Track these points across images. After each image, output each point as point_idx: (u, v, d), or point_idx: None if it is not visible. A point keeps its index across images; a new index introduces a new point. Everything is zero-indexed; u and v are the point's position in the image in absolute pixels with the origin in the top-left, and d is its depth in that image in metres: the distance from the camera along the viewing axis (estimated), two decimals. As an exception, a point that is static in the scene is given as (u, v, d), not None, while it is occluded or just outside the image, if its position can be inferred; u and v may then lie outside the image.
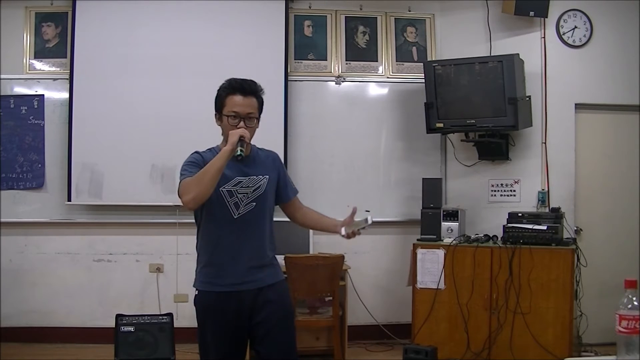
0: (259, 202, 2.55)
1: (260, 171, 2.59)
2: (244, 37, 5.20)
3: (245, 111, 2.49)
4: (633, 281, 1.69)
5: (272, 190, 2.62)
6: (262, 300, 2.53)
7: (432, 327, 4.64)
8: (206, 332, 2.55)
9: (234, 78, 2.57)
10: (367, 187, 5.33)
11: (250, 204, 2.53)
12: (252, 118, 2.52)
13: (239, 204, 2.52)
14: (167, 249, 5.17)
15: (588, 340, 4.74)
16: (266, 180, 2.58)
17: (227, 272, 2.51)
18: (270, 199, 2.62)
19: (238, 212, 2.52)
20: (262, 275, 2.55)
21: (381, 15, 5.45)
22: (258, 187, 2.56)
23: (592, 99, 5.03)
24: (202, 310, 2.56)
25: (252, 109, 2.52)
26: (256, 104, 2.54)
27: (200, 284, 2.57)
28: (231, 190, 2.51)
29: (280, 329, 2.56)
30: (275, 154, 2.74)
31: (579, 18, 5.04)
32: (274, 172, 2.64)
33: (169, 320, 4.35)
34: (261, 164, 2.62)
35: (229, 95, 2.52)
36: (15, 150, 5.09)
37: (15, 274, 5.07)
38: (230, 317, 2.50)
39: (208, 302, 2.54)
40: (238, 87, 2.52)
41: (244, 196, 2.53)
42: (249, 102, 2.51)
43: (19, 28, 5.15)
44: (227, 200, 2.50)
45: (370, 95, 5.42)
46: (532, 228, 4.48)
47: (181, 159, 2.57)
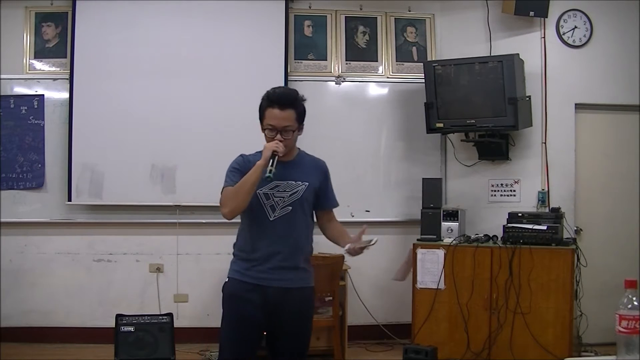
0: (295, 207, 2.60)
1: (301, 177, 2.63)
2: (244, 37, 5.20)
3: (282, 124, 2.54)
4: (633, 281, 1.69)
5: (310, 197, 2.66)
6: (287, 300, 2.58)
7: (432, 327, 4.64)
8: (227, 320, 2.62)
9: (274, 89, 2.62)
10: (367, 187, 5.33)
11: (286, 208, 2.59)
12: (289, 130, 2.55)
13: (275, 207, 2.58)
14: (167, 249, 5.17)
15: (588, 340, 4.74)
16: (305, 187, 2.63)
17: (258, 267, 2.58)
18: (307, 205, 2.66)
19: (274, 214, 2.58)
20: (292, 277, 2.61)
21: (381, 15, 5.45)
22: (295, 192, 2.61)
23: (592, 99, 5.03)
24: (227, 296, 2.64)
25: (289, 121, 2.55)
26: (294, 115, 2.57)
27: (232, 272, 2.67)
28: (268, 193, 2.57)
29: (297, 335, 2.64)
30: (322, 162, 2.78)
31: (579, 18, 5.04)
32: (315, 180, 2.68)
33: (169, 320, 4.36)
34: (303, 169, 2.67)
35: (267, 107, 2.57)
36: (15, 150, 5.09)
37: (15, 274, 5.07)
38: (252, 308, 2.56)
39: (234, 289, 2.62)
40: (275, 100, 2.56)
41: (280, 200, 2.59)
42: (285, 115, 2.54)
43: (19, 28, 5.15)
44: (263, 202, 2.57)
45: (370, 95, 5.42)
46: (532, 228, 4.48)
47: (181, 159, 2.57)
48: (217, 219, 5.05)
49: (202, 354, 4.81)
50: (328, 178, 2.77)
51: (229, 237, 5.26)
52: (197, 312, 5.15)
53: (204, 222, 5.13)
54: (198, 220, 5.14)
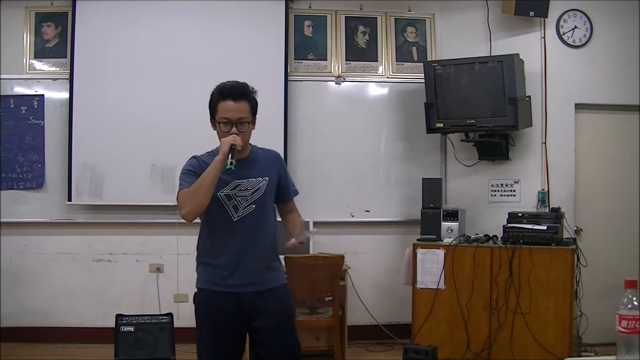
0: (258, 205, 2.53)
1: (260, 172, 2.57)
2: (244, 37, 5.20)
3: (236, 116, 2.48)
4: (633, 281, 1.69)
5: (272, 192, 2.60)
6: (262, 304, 2.52)
7: (432, 327, 4.64)
8: (203, 331, 2.54)
9: (224, 83, 2.56)
10: (367, 187, 5.33)
11: (249, 207, 2.53)
12: (244, 122, 2.49)
13: (238, 207, 2.52)
14: (167, 249, 5.17)
15: (588, 340, 4.74)
16: (265, 182, 2.57)
17: (227, 273, 2.51)
18: (270, 200, 2.60)
19: (237, 215, 2.52)
20: (262, 279, 2.54)
21: (381, 15, 5.45)
22: (257, 189, 2.55)
23: (592, 99, 5.03)
24: (200, 308, 2.56)
25: (244, 113, 2.49)
26: (248, 107, 2.51)
27: (200, 282, 2.57)
28: (229, 194, 2.51)
29: (280, 334, 2.55)
30: (276, 153, 2.71)
31: (579, 18, 5.04)
32: (274, 173, 2.62)
33: (169, 320, 4.35)
34: (260, 164, 2.60)
35: (219, 101, 2.50)
36: (15, 150, 5.09)
37: (15, 274, 5.07)
38: (227, 318, 2.50)
39: (206, 300, 2.54)
40: (228, 93, 2.49)
41: (243, 199, 2.52)
42: (239, 106, 2.48)
43: (19, 28, 5.15)
44: (225, 203, 2.51)
45: (370, 95, 5.42)
46: (532, 228, 4.48)
47: (181, 159, 2.57)
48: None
49: (202, 354, 4.81)
50: (286, 169, 2.72)
51: (229, 237, 5.26)
52: (197, 312, 5.15)
53: (204, 222, 5.12)
54: (198, 220, 5.12)
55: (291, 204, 2.73)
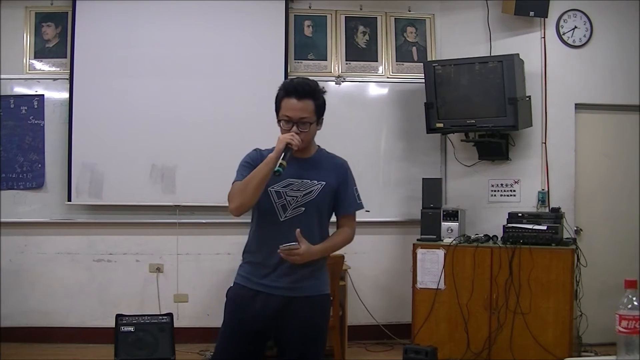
0: (308, 208, 2.43)
1: (317, 176, 2.46)
2: (244, 37, 5.20)
3: (298, 115, 2.38)
4: (633, 281, 1.69)
5: (326, 198, 2.47)
6: (293, 310, 2.42)
7: (432, 327, 4.64)
8: (225, 325, 2.49)
9: (290, 79, 2.48)
10: (367, 187, 5.28)
11: (298, 208, 2.43)
12: (306, 122, 2.39)
13: (287, 207, 2.42)
14: (167, 249, 5.17)
15: (588, 340, 4.74)
16: (320, 187, 2.45)
17: (264, 272, 2.43)
18: (322, 206, 2.47)
19: (285, 215, 2.42)
20: (299, 285, 2.42)
21: (381, 15, 5.45)
22: (310, 192, 2.44)
23: (592, 99, 5.03)
24: (228, 301, 2.51)
25: (306, 113, 2.39)
26: (312, 107, 2.41)
27: (238, 276, 2.52)
28: (280, 191, 2.42)
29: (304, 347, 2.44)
30: (342, 161, 2.59)
31: (579, 18, 5.04)
32: (333, 180, 2.49)
33: (169, 320, 4.36)
34: (321, 168, 2.49)
35: (284, 98, 2.41)
36: (15, 150, 5.09)
37: (15, 274, 5.07)
38: (250, 317, 2.42)
39: (236, 296, 2.48)
40: (292, 90, 2.40)
41: (293, 199, 2.42)
42: (302, 105, 2.39)
43: (19, 28, 5.15)
44: (274, 200, 2.42)
45: (370, 95, 5.42)
46: (532, 228, 4.48)
47: (181, 159, 2.55)
48: (217, 219, 5.11)
49: (202, 354, 4.81)
50: (348, 179, 2.55)
51: (229, 237, 5.31)
52: (197, 312, 5.15)
53: (204, 222, 5.13)
54: (198, 220, 5.14)
55: (347, 218, 2.55)
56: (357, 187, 2.59)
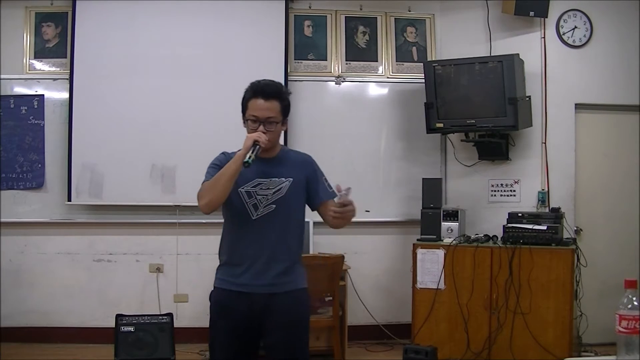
0: (279, 205, 2.49)
1: (285, 173, 2.52)
2: (244, 37, 5.20)
3: (265, 115, 2.45)
4: (633, 281, 1.69)
5: (296, 194, 2.53)
6: (274, 306, 2.48)
7: (432, 327, 4.64)
8: (216, 330, 2.55)
9: (257, 81, 2.53)
10: (367, 187, 5.33)
11: (269, 206, 2.48)
12: (273, 122, 2.46)
13: (258, 206, 2.48)
14: (167, 249, 5.18)
15: (588, 340, 4.74)
16: (289, 183, 2.51)
17: (242, 272, 2.48)
18: (293, 202, 2.53)
19: (257, 213, 2.48)
20: (278, 281, 2.49)
21: (381, 15, 5.45)
22: (279, 189, 2.50)
23: (592, 99, 5.03)
24: (213, 306, 2.56)
25: (273, 112, 2.46)
26: (279, 107, 2.48)
27: (217, 280, 2.57)
28: (250, 191, 2.48)
29: (288, 340, 2.50)
30: (307, 156, 2.67)
31: (579, 18, 5.04)
32: (301, 175, 2.55)
33: (169, 320, 4.36)
34: (287, 166, 2.55)
35: (250, 98, 2.48)
36: (15, 150, 5.09)
37: (15, 274, 5.07)
38: (239, 317, 2.48)
39: (220, 299, 2.53)
40: (259, 91, 2.47)
41: (264, 198, 2.48)
42: (269, 105, 2.46)
43: (19, 28, 5.15)
44: (245, 201, 2.48)
45: (370, 95, 5.42)
46: (532, 228, 4.48)
47: (181, 159, 2.57)
48: (217, 219, 5.06)
49: (202, 354, 4.81)
50: (317, 171, 2.62)
51: (229, 237, 5.26)
52: (197, 312, 5.15)
53: (204, 222, 5.12)
54: (198, 220, 5.14)
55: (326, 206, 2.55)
56: (326, 178, 2.65)
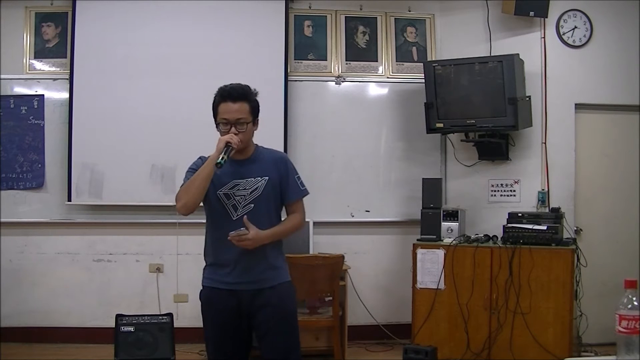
0: (257, 204, 2.58)
1: (259, 172, 2.61)
2: (244, 37, 5.20)
3: (235, 117, 2.53)
4: (633, 281, 1.69)
5: (272, 192, 2.62)
6: (261, 301, 2.58)
7: (432, 327, 4.64)
8: (208, 328, 2.67)
9: (224, 85, 2.61)
10: (367, 187, 5.33)
11: (248, 206, 2.58)
12: (243, 123, 2.54)
13: (237, 206, 2.58)
14: (167, 249, 5.17)
15: (588, 340, 4.74)
16: (265, 182, 2.60)
17: (227, 270, 2.60)
18: (271, 200, 2.62)
19: (236, 214, 2.57)
20: (262, 277, 2.59)
21: (381, 15, 5.45)
22: (255, 188, 2.59)
23: (592, 99, 5.03)
24: (204, 305, 2.69)
25: (242, 114, 2.54)
26: (248, 108, 2.56)
27: (204, 280, 2.69)
28: (228, 193, 2.58)
29: (279, 332, 2.59)
30: (281, 154, 2.77)
31: (579, 18, 5.04)
32: (275, 173, 2.64)
33: (169, 320, 4.36)
34: (261, 165, 2.63)
35: (220, 103, 2.57)
36: (15, 150, 5.09)
37: (15, 274, 5.07)
38: (229, 315, 2.58)
39: (209, 298, 2.65)
40: (227, 95, 2.55)
41: (242, 198, 2.58)
42: (238, 107, 2.54)
43: (19, 28, 5.15)
44: (224, 202, 2.58)
45: (370, 95, 5.42)
46: (532, 228, 4.48)
47: (181, 159, 2.59)
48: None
49: (202, 354, 4.81)
50: (289, 170, 2.68)
51: (229, 237, 5.25)
52: (197, 312, 5.05)
53: (204, 222, 5.11)
54: (198, 220, 5.07)
55: (294, 205, 2.70)
56: (299, 176, 2.73)
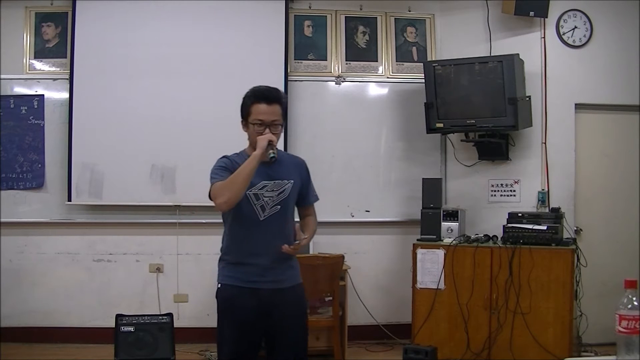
0: (283, 206, 2.65)
1: (286, 175, 2.68)
2: (244, 37, 5.20)
3: (270, 119, 2.59)
4: (633, 281, 1.69)
5: (295, 195, 2.71)
6: (280, 300, 2.62)
7: (432, 327, 4.64)
8: (224, 325, 2.65)
9: (258, 86, 2.65)
10: (367, 187, 5.33)
11: (275, 207, 2.64)
12: (277, 125, 2.61)
13: (265, 207, 2.62)
14: (167, 249, 5.18)
15: (588, 340, 4.74)
16: (291, 185, 2.68)
17: (250, 269, 2.62)
18: (292, 203, 2.72)
19: (264, 214, 2.62)
20: (282, 277, 2.65)
21: (381, 15, 5.45)
22: (283, 191, 2.66)
23: (592, 99, 5.03)
24: (222, 303, 2.67)
25: (276, 116, 2.61)
26: (280, 110, 2.63)
27: (223, 277, 2.68)
28: (257, 193, 2.61)
29: (295, 329, 2.67)
30: (301, 160, 2.84)
31: (579, 18, 5.04)
32: (298, 178, 2.73)
33: (169, 320, 4.36)
34: (286, 168, 2.71)
35: (253, 103, 2.60)
36: (15, 150, 5.09)
37: (15, 274, 5.07)
38: (250, 313, 2.59)
39: (228, 295, 2.64)
40: (262, 96, 2.60)
41: (270, 199, 2.63)
42: (273, 109, 2.59)
43: (19, 28, 5.15)
44: (253, 203, 2.61)
45: (370, 95, 5.42)
46: (532, 228, 4.48)
47: (181, 159, 2.59)
48: (217, 219, 5.07)
49: (202, 354, 4.81)
50: (308, 174, 2.82)
51: (229, 237, 5.25)
52: (197, 312, 5.15)
53: (204, 222, 5.12)
54: (198, 220, 5.14)
55: (310, 208, 2.84)
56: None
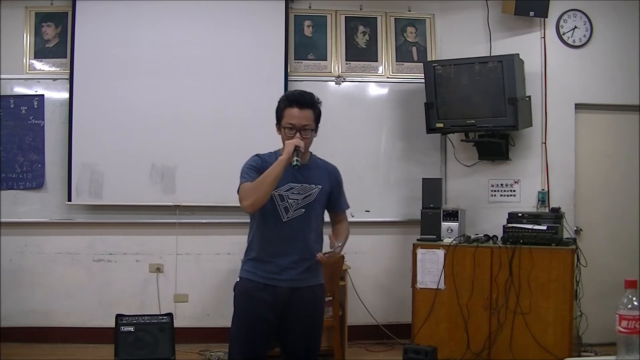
0: (307, 209, 2.68)
1: (314, 180, 2.72)
2: (243, 37, 5.20)
3: (301, 123, 2.63)
4: (633, 281, 1.69)
5: (322, 200, 2.74)
6: (297, 298, 2.65)
7: (432, 327, 4.64)
8: (239, 319, 2.68)
9: (292, 91, 2.73)
10: (367, 187, 5.33)
11: (299, 210, 2.67)
12: (308, 129, 2.66)
13: (289, 209, 2.65)
14: (167, 249, 5.17)
15: (588, 340, 4.74)
16: (318, 190, 2.71)
17: (269, 267, 2.65)
18: (319, 207, 2.74)
19: (287, 216, 2.65)
20: (302, 277, 2.67)
21: (381, 15, 5.45)
22: (309, 195, 2.69)
23: (592, 99, 5.03)
24: (238, 295, 2.71)
25: (308, 121, 2.65)
26: (312, 115, 2.67)
27: (243, 272, 2.72)
28: (282, 194, 2.64)
29: (310, 328, 2.71)
30: (333, 167, 2.87)
31: (579, 18, 5.04)
32: (327, 184, 2.76)
33: (169, 320, 4.35)
34: (316, 173, 2.75)
35: (286, 107, 2.65)
36: (15, 150, 5.09)
37: (15, 274, 5.07)
38: (263, 307, 2.62)
39: (246, 289, 2.68)
40: (295, 100, 2.65)
41: (294, 202, 2.66)
42: (305, 114, 2.65)
43: (19, 28, 5.15)
44: (277, 203, 2.64)
45: (370, 95, 5.42)
46: (532, 228, 4.48)
47: (181, 159, 2.58)
48: (217, 219, 5.12)
49: (202, 354, 4.81)
50: (341, 183, 2.86)
51: (229, 237, 5.32)
52: (197, 312, 5.16)
53: (204, 222, 5.13)
54: (198, 220, 5.14)
55: (341, 214, 2.89)
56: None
